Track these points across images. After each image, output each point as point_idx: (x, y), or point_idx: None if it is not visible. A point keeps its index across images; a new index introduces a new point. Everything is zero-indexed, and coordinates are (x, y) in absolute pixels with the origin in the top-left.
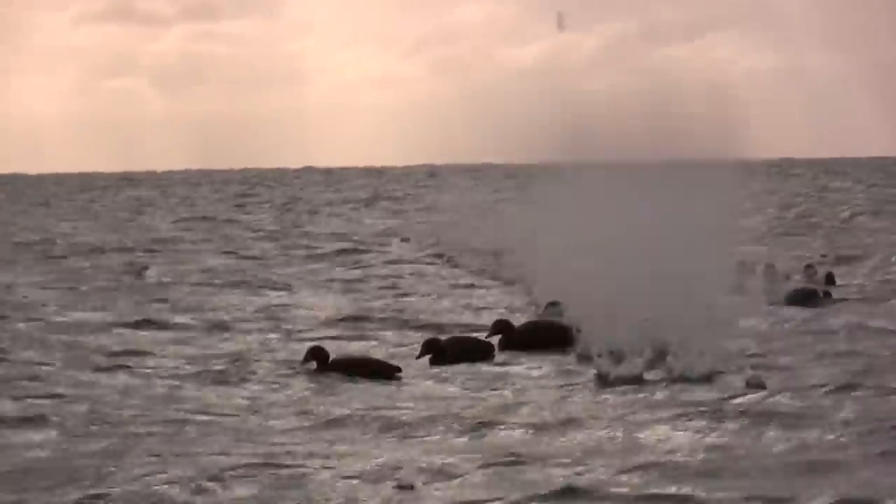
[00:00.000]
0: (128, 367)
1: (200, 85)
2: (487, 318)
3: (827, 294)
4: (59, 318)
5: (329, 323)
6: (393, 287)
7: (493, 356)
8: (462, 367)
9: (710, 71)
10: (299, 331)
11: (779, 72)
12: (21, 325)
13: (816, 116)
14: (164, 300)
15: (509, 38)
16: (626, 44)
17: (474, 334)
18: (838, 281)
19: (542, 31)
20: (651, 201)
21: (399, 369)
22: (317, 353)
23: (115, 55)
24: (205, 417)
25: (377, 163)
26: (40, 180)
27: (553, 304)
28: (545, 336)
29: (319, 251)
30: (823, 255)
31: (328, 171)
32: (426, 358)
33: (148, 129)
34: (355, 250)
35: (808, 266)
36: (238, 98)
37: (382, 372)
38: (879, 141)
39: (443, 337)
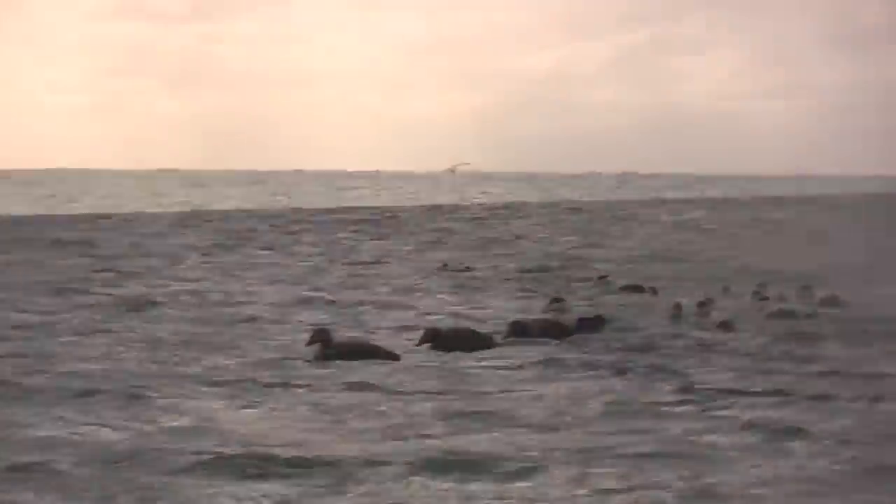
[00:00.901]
0: None
1: (208, 84)
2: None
3: (811, 315)
4: None
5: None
6: None
7: (492, 346)
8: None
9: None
10: None
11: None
12: None
13: (826, 133)
14: None
15: (521, 45)
16: (637, 54)
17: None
18: (851, 301)
19: (551, 39)
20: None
21: (398, 357)
22: (321, 337)
23: (125, 53)
24: None
25: (381, 167)
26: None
27: (557, 299)
28: (549, 330)
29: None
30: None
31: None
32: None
33: (155, 128)
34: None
35: (805, 287)
36: (245, 99)
37: (381, 356)
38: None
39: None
